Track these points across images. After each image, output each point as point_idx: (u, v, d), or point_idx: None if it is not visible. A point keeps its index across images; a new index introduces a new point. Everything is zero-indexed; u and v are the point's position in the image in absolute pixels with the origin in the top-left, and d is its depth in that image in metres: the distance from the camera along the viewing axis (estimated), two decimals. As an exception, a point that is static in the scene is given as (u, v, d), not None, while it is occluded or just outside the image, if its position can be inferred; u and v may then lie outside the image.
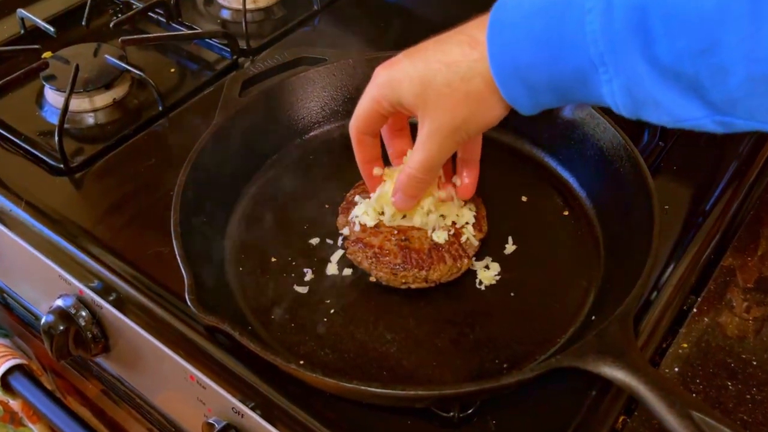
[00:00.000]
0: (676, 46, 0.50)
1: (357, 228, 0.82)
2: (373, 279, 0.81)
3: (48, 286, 0.88)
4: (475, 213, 0.83)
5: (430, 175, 0.72)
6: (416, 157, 0.69)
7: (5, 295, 1.03)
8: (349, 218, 0.84)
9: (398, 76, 0.65)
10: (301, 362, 0.68)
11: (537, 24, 0.55)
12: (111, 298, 0.82)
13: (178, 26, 1.20)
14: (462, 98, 0.62)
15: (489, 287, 0.81)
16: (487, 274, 0.82)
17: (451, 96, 0.62)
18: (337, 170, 0.95)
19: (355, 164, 0.87)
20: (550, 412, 0.70)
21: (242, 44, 1.16)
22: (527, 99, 0.60)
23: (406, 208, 0.78)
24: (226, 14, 1.24)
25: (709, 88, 0.51)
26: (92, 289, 0.83)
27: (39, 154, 0.98)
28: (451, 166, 0.82)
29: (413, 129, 0.74)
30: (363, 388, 0.64)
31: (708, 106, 0.52)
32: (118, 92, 1.07)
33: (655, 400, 0.58)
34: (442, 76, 0.62)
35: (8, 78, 1.05)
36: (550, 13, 0.55)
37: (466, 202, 0.84)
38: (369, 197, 0.84)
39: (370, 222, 0.81)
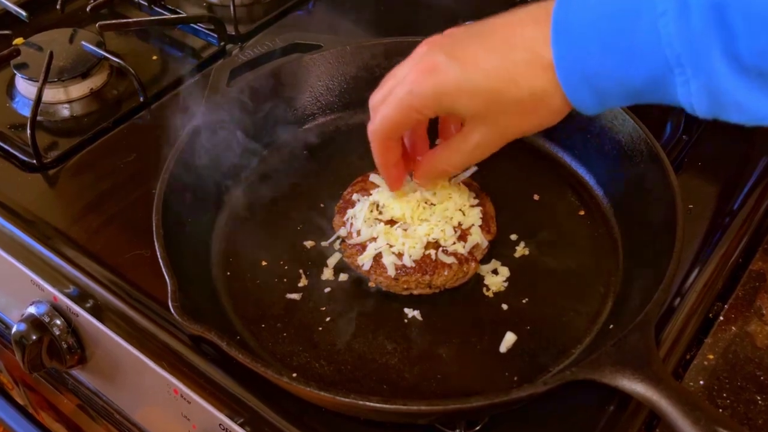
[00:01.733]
0: (759, 43, 0.51)
1: (355, 229, 0.82)
2: (372, 284, 0.81)
3: (19, 293, 0.88)
4: (482, 213, 0.83)
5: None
6: (458, 158, 0.71)
7: (-27, 301, 1.03)
8: (345, 218, 0.84)
9: (450, 89, 0.64)
10: (294, 375, 0.68)
11: (605, 29, 0.57)
12: (88, 305, 0.82)
13: (160, 10, 1.20)
14: (531, 112, 0.65)
15: (498, 293, 0.81)
16: (496, 279, 0.82)
17: (520, 113, 0.65)
18: (334, 166, 0.94)
19: (353, 159, 0.87)
20: (565, 429, 0.70)
21: (230, 30, 1.16)
22: (594, 103, 0.62)
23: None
24: (212, -3, 1.24)
25: None
26: (67, 295, 0.83)
27: (9, 149, 0.98)
28: None
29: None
30: (361, 402, 0.64)
31: None
32: (95, 82, 1.07)
33: (679, 415, 0.58)
34: (511, 96, 0.63)
35: (-24, 66, 1.05)
36: (618, 19, 0.56)
37: (474, 201, 0.84)
38: (368, 195, 0.84)
39: (365, 232, 0.81)
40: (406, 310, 0.79)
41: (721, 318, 0.79)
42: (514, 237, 0.86)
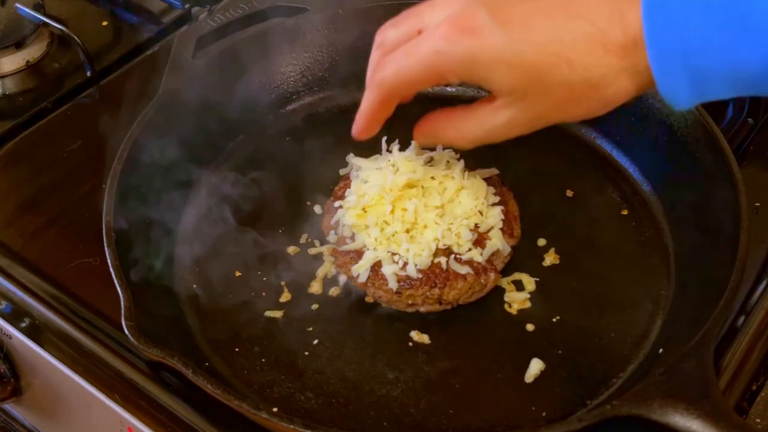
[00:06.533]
0: None
1: (347, 233, 0.82)
2: (370, 299, 0.81)
3: (-60, 309, 0.88)
4: (504, 213, 0.83)
5: None
6: (478, 134, 0.70)
7: None
8: (333, 220, 0.84)
9: (486, 57, 0.64)
10: (275, 409, 0.68)
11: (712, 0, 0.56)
12: (23, 324, 0.82)
13: (111, -35, 1.20)
14: (580, 99, 0.64)
15: (522, 311, 0.81)
16: (520, 293, 0.82)
17: (567, 98, 0.64)
18: (323, 156, 0.94)
19: (346, 148, 0.87)
20: (604, 476, 0.70)
21: (197, -11, 1.16)
22: (689, 92, 0.61)
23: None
24: (175, -50, 1.24)
25: None
26: (-1, 312, 0.83)
27: (-72, 135, 0.98)
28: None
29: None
30: (356, 443, 0.65)
31: None
32: (32, 52, 1.07)
33: (743, 459, 0.59)
34: (561, 76, 0.63)
35: None
36: None
37: (494, 198, 0.84)
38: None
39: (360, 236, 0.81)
40: (411, 331, 0.80)
41: (795, 341, 0.80)
42: (542, 242, 0.86)
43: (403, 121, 0.98)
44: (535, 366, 0.76)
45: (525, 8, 0.63)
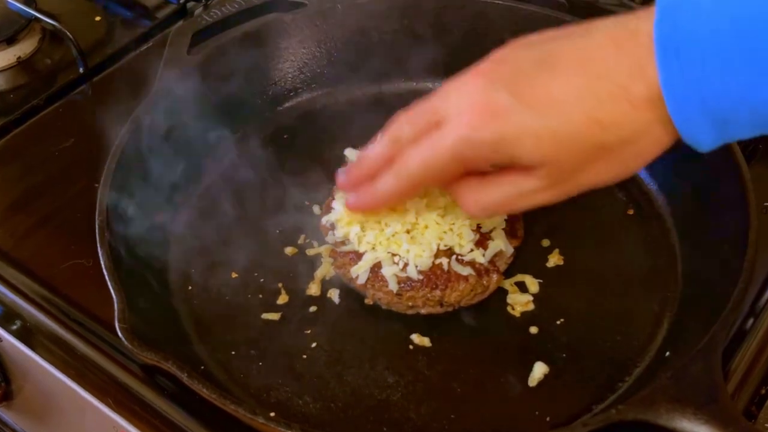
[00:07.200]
0: None
1: (339, 234, 0.82)
2: (369, 301, 0.81)
3: (-71, 311, 0.88)
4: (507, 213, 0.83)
5: None
6: (503, 203, 0.69)
7: None
8: (325, 222, 0.84)
9: (513, 134, 0.64)
10: (272, 414, 0.68)
11: (728, 43, 0.57)
12: (14, 327, 0.82)
13: (104, -41, 1.20)
14: (616, 159, 0.65)
15: (525, 313, 0.81)
16: (523, 295, 0.82)
17: (603, 158, 0.64)
18: (321, 154, 0.94)
19: (345, 146, 0.87)
20: (610, 482, 0.70)
21: (192, -17, 1.16)
22: (712, 135, 0.61)
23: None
24: (170, -57, 1.24)
25: None
26: (-11, 315, 0.83)
27: None
28: None
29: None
30: (356, 449, 0.64)
31: None
32: (23, 48, 1.07)
33: (752, 465, 0.58)
34: (594, 137, 0.63)
35: None
36: (745, 29, 0.56)
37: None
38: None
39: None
40: (412, 334, 0.79)
41: (805, 343, 0.79)
42: (545, 243, 0.86)
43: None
44: (539, 369, 0.76)
45: (544, 80, 0.64)
